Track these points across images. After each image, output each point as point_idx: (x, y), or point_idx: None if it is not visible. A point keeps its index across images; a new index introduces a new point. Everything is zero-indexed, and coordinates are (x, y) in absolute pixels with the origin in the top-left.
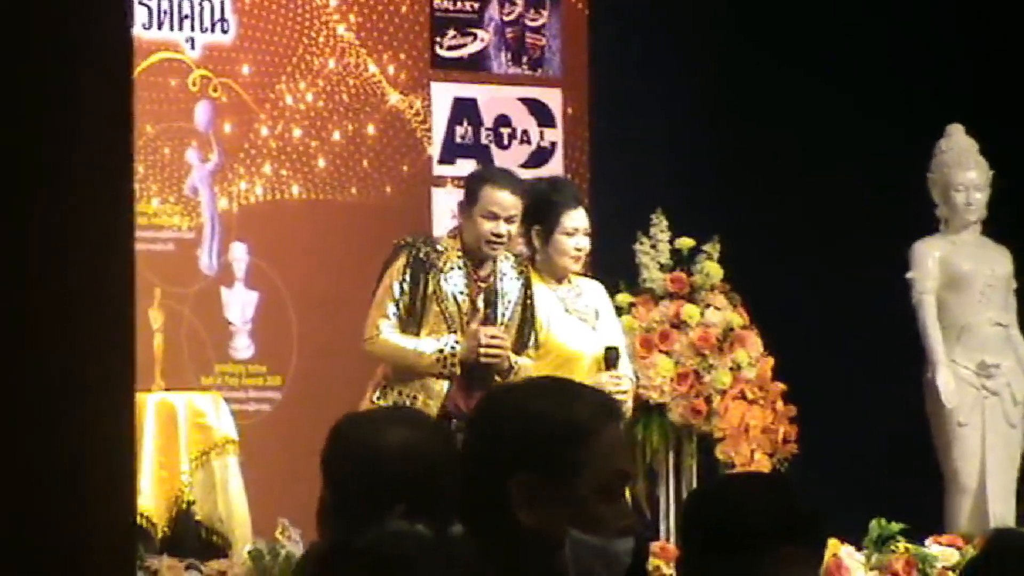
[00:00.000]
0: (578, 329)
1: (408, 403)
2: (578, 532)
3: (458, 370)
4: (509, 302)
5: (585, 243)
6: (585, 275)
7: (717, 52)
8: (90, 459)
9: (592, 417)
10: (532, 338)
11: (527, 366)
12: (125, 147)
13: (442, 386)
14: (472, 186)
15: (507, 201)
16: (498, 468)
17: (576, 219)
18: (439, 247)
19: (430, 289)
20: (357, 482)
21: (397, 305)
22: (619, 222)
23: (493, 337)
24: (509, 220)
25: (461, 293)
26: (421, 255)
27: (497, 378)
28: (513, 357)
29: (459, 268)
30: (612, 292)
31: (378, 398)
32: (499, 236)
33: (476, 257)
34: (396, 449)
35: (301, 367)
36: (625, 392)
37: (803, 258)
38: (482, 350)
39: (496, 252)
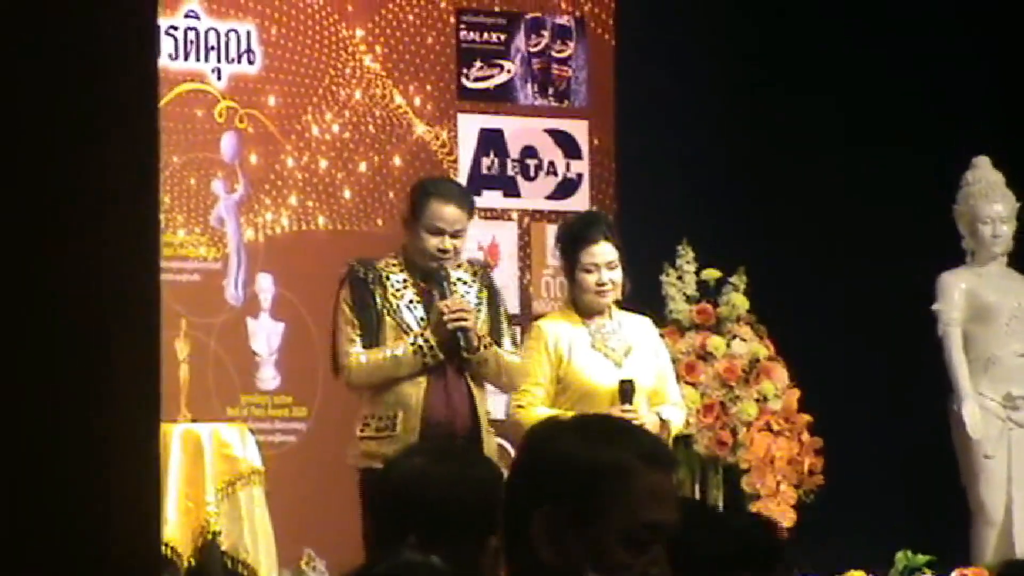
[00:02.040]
0: (600, 364)
1: (390, 424)
2: (596, 575)
3: (440, 354)
4: None
5: (610, 276)
6: (632, 310)
7: (743, 82)
8: (116, 489)
9: (626, 461)
10: (508, 338)
11: (512, 363)
12: (152, 178)
13: (418, 397)
14: (417, 199)
15: (453, 216)
16: (525, 501)
17: (596, 254)
18: (378, 265)
19: (379, 305)
20: (376, 512)
21: (354, 327)
22: (646, 253)
23: (453, 305)
24: (455, 235)
25: (410, 303)
26: (361, 275)
27: (467, 355)
28: (487, 339)
29: (405, 281)
30: None
31: (362, 430)
32: (444, 252)
33: (419, 271)
34: (408, 478)
35: (326, 398)
36: (641, 426)
37: (829, 290)
38: (446, 318)
39: (441, 267)
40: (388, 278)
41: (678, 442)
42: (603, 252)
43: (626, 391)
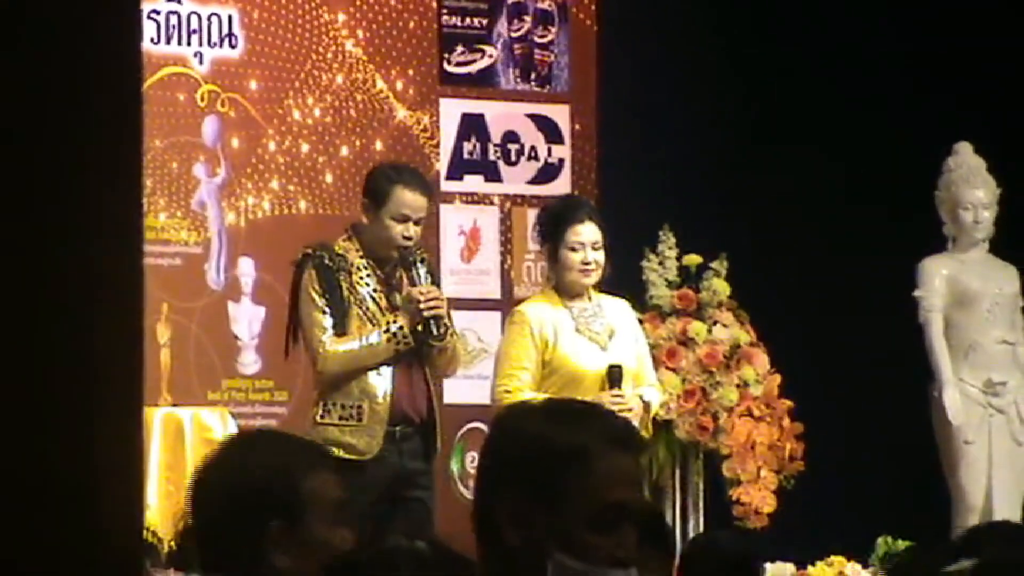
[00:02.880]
0: (585, 348)
1: (355, 413)
2: (563, 557)
3: (412, 341)
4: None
5: (595, 256)
6: (610, 292)
7: (726, 68)
8: (98, 473)
9: (591, 444)
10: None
11: (458, 350)
12: (134, 162)
13: (386, 389)
14: (381, 187)
15: (418, 203)
16: (492, 486)
17: (582, 233)
18: (338, 251)
19: (345, 292)
20: None
21: (324, 315)
22: (627, 239)
23: (428, 292)
24: (418, 222)
25: (375, 291)
26: (327, 261)
27: (434, 342)
28: (452, 327)
29: (365, 268)
30: None
31: (323, 416)
32: (408, 239)
33: (377, 257)
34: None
35: (307, 382)
36: (630, 411)
37: (810, 275)
38: (422, 307)
39: (410, 252)
40: (352, 264)
41: (659, 427)
42: (588, 232)
43: (615, 376)
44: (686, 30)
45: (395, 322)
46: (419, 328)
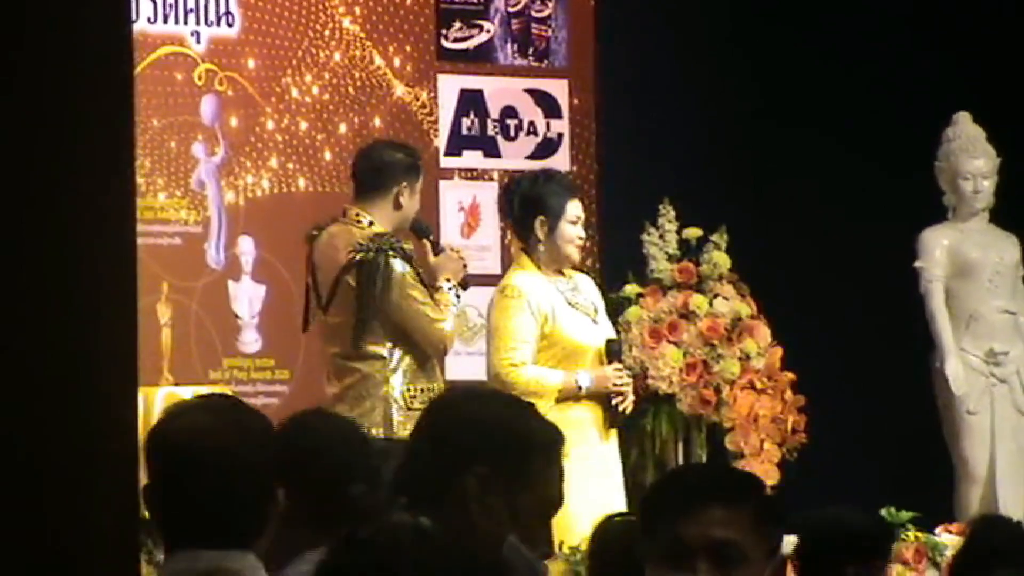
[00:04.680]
0: (581, 322)
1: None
2: (516, 539)
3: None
4: None
5: (583, 232)
6: (577, 269)
7: (726, 39)
8: (95, 452)
9: (553, 440)
10: None
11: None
12: (126, 141)
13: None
14: (415, 164)
15: None
16: (453, 462)
17: (578, 208)
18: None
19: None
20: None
21: (428, 301)
22: (627, 212)
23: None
24: None
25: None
26: (408, 251)
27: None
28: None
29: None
30: (620, 283)
31: (412, 399)
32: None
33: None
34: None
35: (309, 361)
36: (629, 384)
37: (811, 247)
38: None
39: (417, 224)
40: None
41: (661, 400)
42: (579, 207)
43: (614, 350)
44: (685, 1)
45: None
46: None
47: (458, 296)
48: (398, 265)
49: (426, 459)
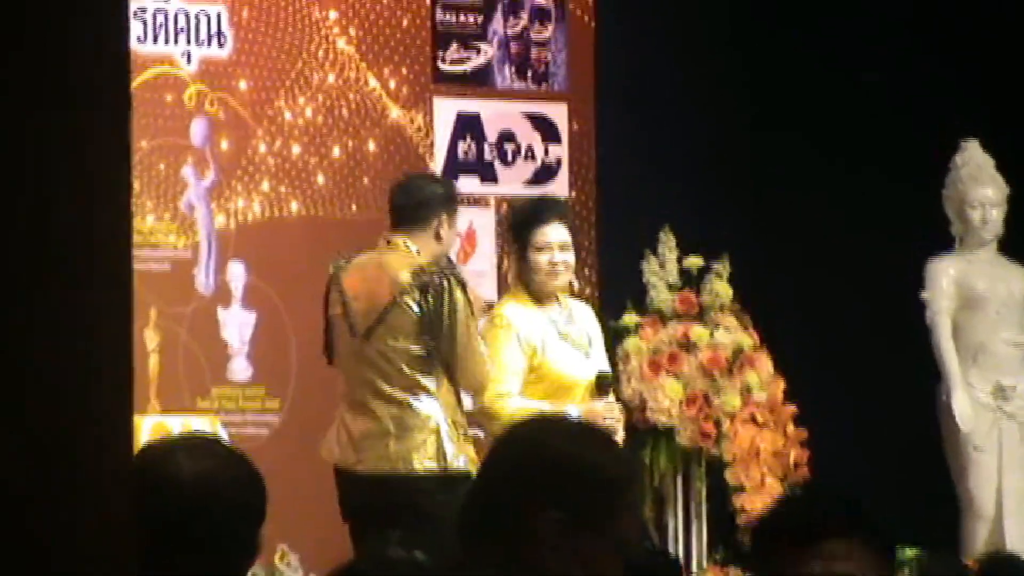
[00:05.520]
0: (572, 355)
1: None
2: None
3: None
4: None
5: (563, 257)
6: (576, 297)
7: (728, 64)
8: (88, 482)
9: (631, 478)
10: None
11: None
12: (123, 162)
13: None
14: (454, 194)
15: None
16: (528, 503)
17: (549, 233)
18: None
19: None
20: None
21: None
22: (626, 240)
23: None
24: None
25: None
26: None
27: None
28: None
29: None
30: (619, 312)
31: (462, 435)
32: None
33: None
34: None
35: (300, 390)
36: (619, 420)
37: (815, 277)
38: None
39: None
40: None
41: (660, 434)
42: (556, 232)
43: (604, 384)
44: (686, 25)
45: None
46: None
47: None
48: (459, 293)
49: (497, 497)
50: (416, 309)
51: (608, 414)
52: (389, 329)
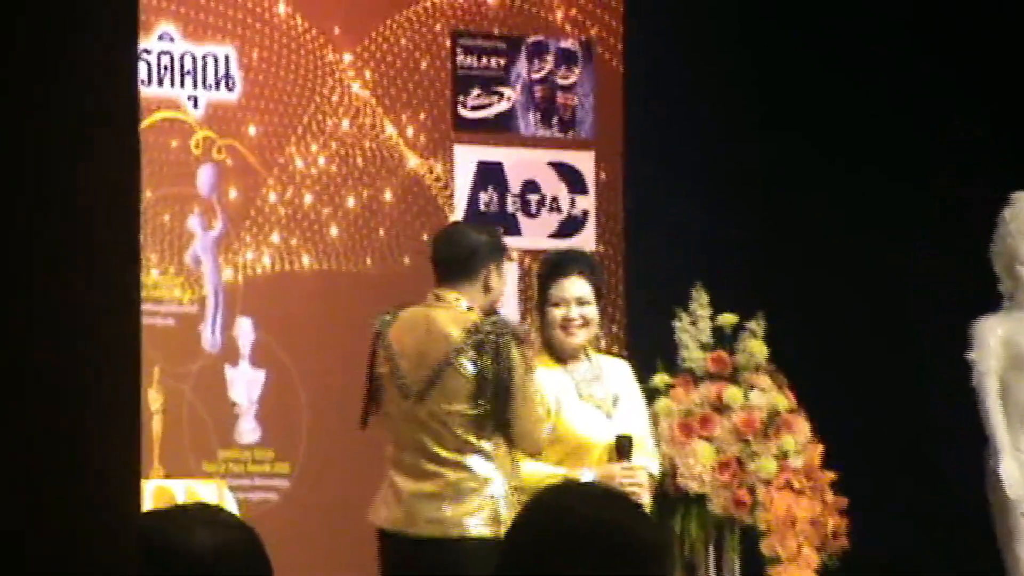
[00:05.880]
0: (591, 416)
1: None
2: None
3: None
4: None
5: (579, 312)
6: (613, 353)
7: (763, 113)
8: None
9: (663, 549)
10: None
11: None
12: (131, 212)
13: None
14: (501, 242)
15: None
16: (561, 568)
17: (565, 288)
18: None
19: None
20: None
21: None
22: (656, 297)
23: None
24: None
25: None
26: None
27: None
28: None
29: None
30: (649, 372)
31: (509, 491)
32: None
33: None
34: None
35: (311, 453)
36: (640, 485)
37: (854, 337)
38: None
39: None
40: None
41: (691, 501)
42: (573, 286)
43: (624, 447)
44: (719, 71)
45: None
46: None
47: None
48: (515, 351)
49: (528, 565)
50: (471, 368)
51: (626, 477)
52: (443, 391)
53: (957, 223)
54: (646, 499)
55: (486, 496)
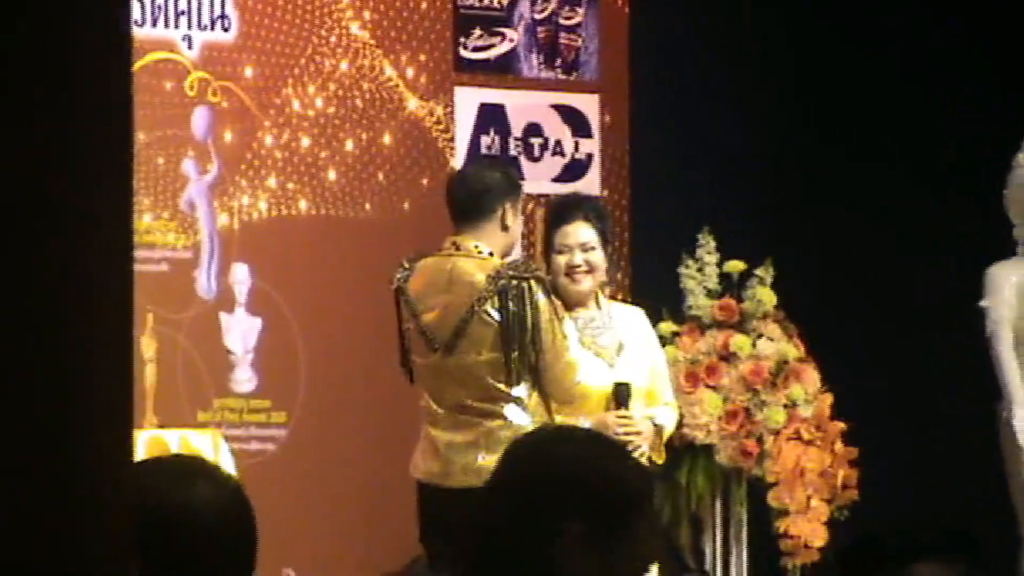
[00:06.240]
0: (591, 364)
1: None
2: None
3: None
4: None
5: (583, 258)
6: (624, 300)
7: (773, 52)
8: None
9: (648, 491)
10: None
11: None
12: (124, 157)
13: None
14: (516, 179)
15: None
16: (550, 514)
17: (569, 234)
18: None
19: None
20: None
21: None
22: (662, 243)
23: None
24: None
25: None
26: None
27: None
28: None
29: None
30: (654, 320)
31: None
32: None
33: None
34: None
35: (309, 402)
36: (638, 434)
37: (866, 283)
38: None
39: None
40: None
41: (698, 452)
42: (577, 232)
43: (621, 395)
44: (728, 10)
45: None
46: None
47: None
48: (541, 296)
49: (512, 511)
50: (497, 317)
51: (619, 427)
52: (471, 342)
53: (970, 167)
54: (644, 448)
55: None
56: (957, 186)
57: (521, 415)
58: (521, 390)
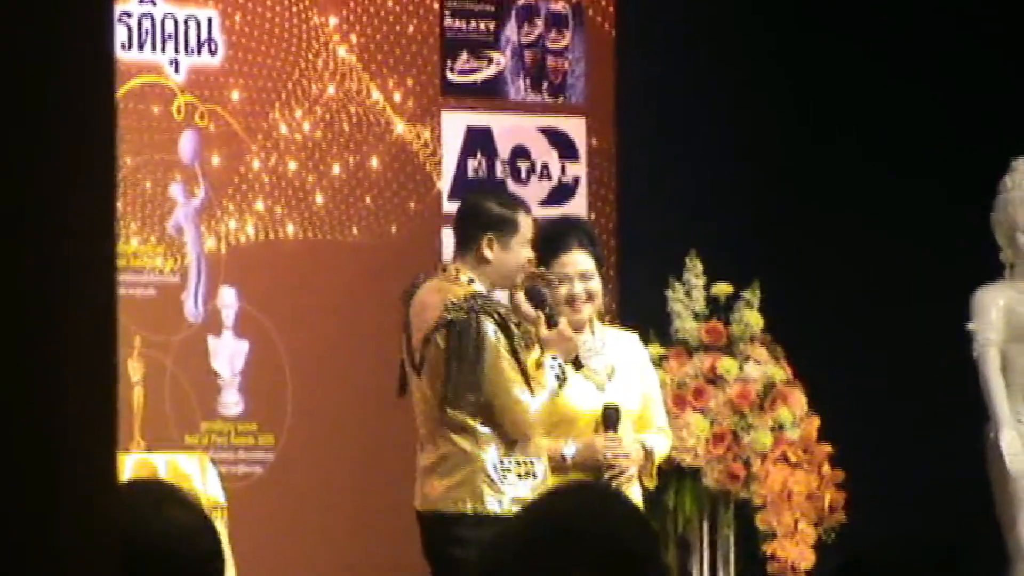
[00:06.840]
0: (581, 388)
1: (531, 471)
2: None
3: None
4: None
5: (583, 287)
6: (623, 325)
7: (758, 76)
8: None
9: (655, 559)
10: None
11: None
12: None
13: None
14: (511, 215)
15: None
16: (562, 562)
17: (568, 264)
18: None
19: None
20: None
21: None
22: (649, 266)
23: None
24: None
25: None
26: (509, 323)
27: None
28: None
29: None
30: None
31: (504, 477)
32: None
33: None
34: None
35: (296, 425)
36: (626, 455)
37: (853, 307)
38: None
39: (535, 287)
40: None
41: (685, 475)
42: (576, 261)
43: (610, 418)
44: (714, 35)
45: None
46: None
47: (560, 379)
48: (489, 330)
49: (517, 565)
50: (443, 347)
51: (609, 449)
52: (430, 366)
53: (960, 193)
54: (632, 471)
55: (470, 471)
56: (947, 211)
57: (469, 443)
58: (473, 422)
